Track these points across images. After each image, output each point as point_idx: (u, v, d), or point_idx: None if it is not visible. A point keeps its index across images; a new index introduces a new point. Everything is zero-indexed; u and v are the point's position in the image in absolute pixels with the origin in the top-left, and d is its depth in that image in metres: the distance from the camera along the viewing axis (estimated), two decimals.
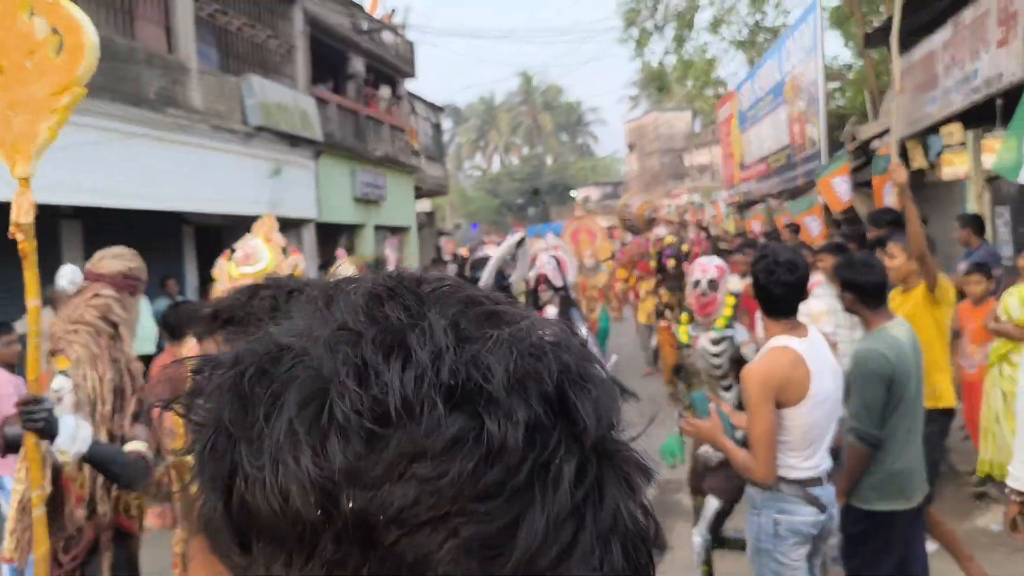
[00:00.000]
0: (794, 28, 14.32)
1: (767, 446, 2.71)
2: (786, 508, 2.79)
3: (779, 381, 2.71)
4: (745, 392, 2.82)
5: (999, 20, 6.46)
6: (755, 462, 2.74)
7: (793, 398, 2.71)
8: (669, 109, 42.52)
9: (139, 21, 9.35)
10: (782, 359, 2.74)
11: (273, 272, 2.78)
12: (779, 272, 2.75)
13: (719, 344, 3.73)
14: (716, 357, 3.74)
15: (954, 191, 8.95)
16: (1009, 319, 4.81)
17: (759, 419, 2.72)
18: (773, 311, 2.84)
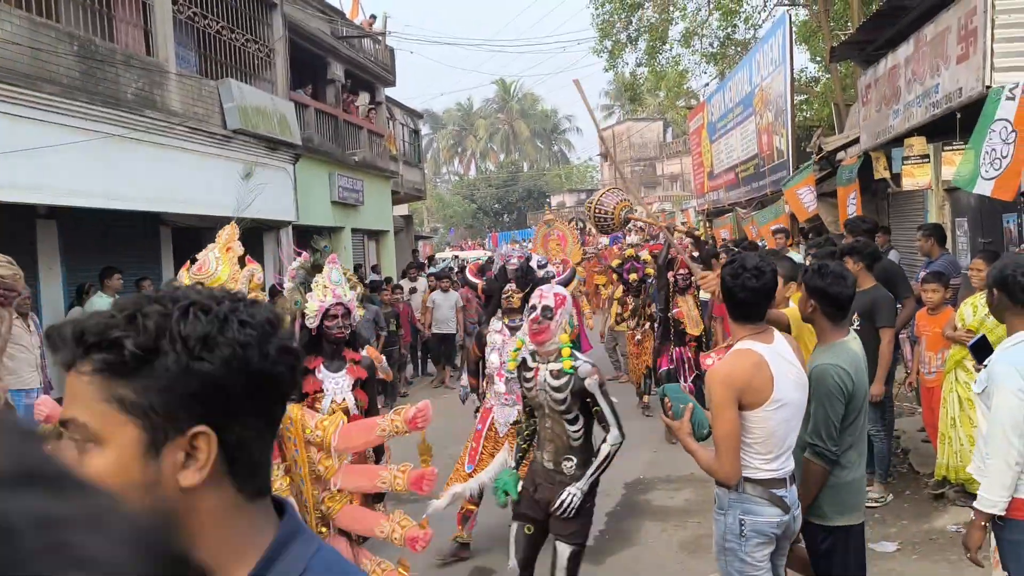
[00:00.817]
0: (763, 42, 14.64)
1: (730, 447, 2.76)
2: (751, 509, 2.84)
3: (741, 383, 2.75)
4: (709, 393, 2.85)
5: (959, 37, 6.68)
6: (719, 462, 2.80)
7: (756, 400, 2.75)
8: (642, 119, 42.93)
9: (118, 23, 9.34)
10: (744, 362, 2.79)
11: (227, 282, 2.76)
12: (744, 277, 2.80)
13: (560, 377, 3.52)
14: (558, 392, 3.52)
15: (916, 202, 9.24)
16: (964, 326, 4.99)
17: (722, 420, 2.76)
18: (738, 315, 2.88)
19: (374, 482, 3.04)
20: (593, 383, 3.47)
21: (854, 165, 9.59)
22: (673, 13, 18.88)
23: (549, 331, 3.52)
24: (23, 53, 7.51)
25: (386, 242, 19.12)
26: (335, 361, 4.00)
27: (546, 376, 3.55)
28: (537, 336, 3.53)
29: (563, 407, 3.52)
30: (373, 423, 3.16)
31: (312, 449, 2.94)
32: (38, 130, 7.56)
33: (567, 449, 3.57)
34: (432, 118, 53.58)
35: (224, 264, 2.82)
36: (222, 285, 2.66)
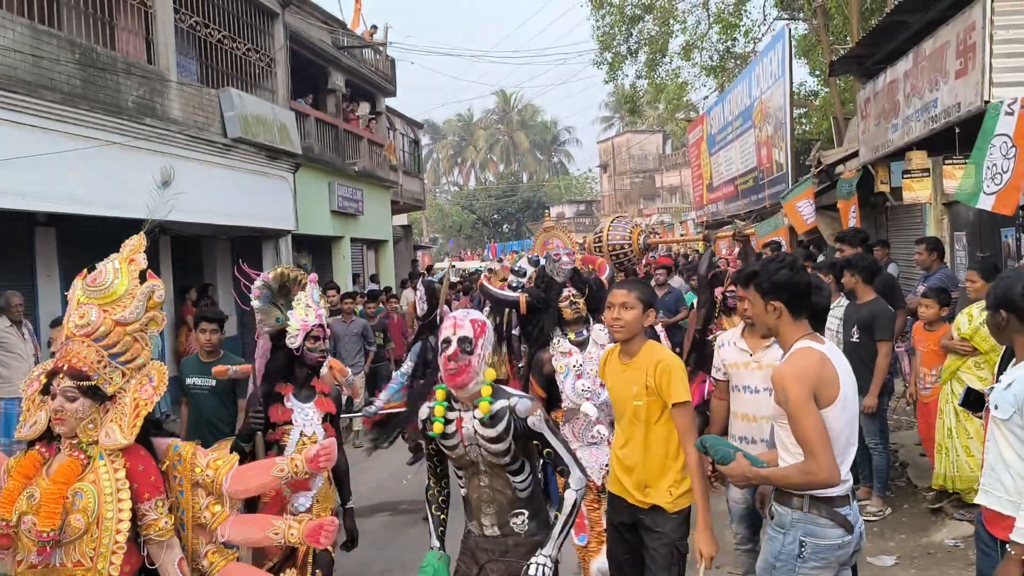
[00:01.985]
0: (763, 55, 14.71)
1: (823, 441, 2.54)
2: (814, 530, 2.63)
3: (814, 378, 2.59)
4: (783, 395, 2.62)
5: (958, 52, 6.72)
6: (815, 464, 2.54)
7: (826, 398, 2.59)
8: (641, 131, 43.10)
9: (120, 31, 9.38)
10: (810, 358, 2.64)
11: (123, 297, 2.53)
12: (800, 269, 2.77)
13: (494, 424, 2.82)
14: (496, 442, 2.82)
15: (914, 215, 9.26)
16: (959, 335, 4.99)
17: (806, 416, 2.56)
18: (797, 309, 2.74)
19: (266, 532, 2.71)
20: (538, 420, 2.85)
21: (853, 179, 9.62)
22: (673, 26, 18.98)
23: (470, 370, 2.80)
24: (25, 60, 7.53)
25: (385, 252, 19.13)
26: (304, 390, 3.74)
27: (474, 427, 2.84)
28: (455, 377, 2.79)
29: (506, 459, 2.85)
30: (271, 463, 2.82)
31: (200, 492, 2.63)
32: (39, 137, 7.57)
33: (514, 504, 2.92)
34: (432, 128, 53.75)
35: (122, 277, 2.57)
36: (117, 300, 2.50)
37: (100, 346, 2.46)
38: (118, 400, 2.48)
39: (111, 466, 2.43)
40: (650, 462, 3.20)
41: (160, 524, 2.49)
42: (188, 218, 9.95)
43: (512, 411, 2.83)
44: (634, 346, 3.25)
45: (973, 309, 4.98)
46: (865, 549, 4.39)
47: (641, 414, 3.19)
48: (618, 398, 3.33)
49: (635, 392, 3.18)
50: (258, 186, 11.63)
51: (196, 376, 5.10)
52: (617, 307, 3.23)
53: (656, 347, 3.33)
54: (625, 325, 3.20)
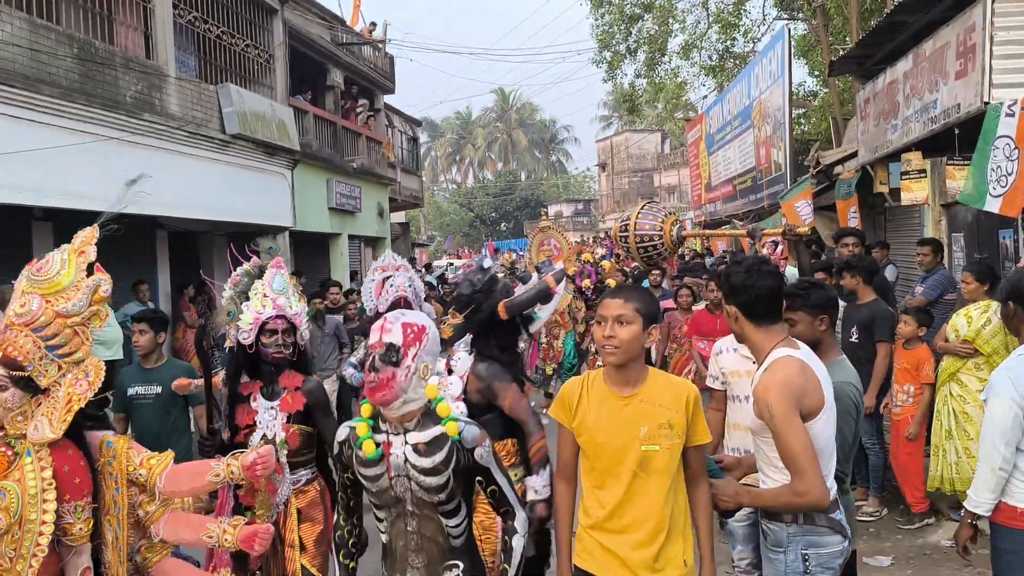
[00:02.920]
0: (762, 55, 14.71)
1: (811, 458, 2.39)
2: (815, 541, 2.52)
3: (798, 389, 2.44)
4: (766, 410, 2.45)
5: (958, 53, 6.71)
6: (803, 483, 2.39)
7: (813, 408, 2.46)
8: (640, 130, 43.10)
9: (118, 26, 9.35)
10: (791, 367, 2.47)
11: (67, 289, 2.45)
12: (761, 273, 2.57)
13: (432, 452, 2.33)
14: (431, 475, 2.33)
15: (913, 216, 9.27)
16: (957, 337, 5.00)
17: (793, 432, 2.39)
18: (764, 316, 2.58)
19: (199, 535, 2.60)
20: (486, 453, 2.39)
21: (852, 179, 9.62)
22: (672, 25, 18.99)
23: (394, 384, 2.28)
24: (23, 54, 7.50)
25: (383, 249, 19.12)
26: (272, 386, 3.36)
27: (406, 454, 2.34)
28: (374, 393, 2.29)
29: (441, 496, 2.35)
30: (206, 466, 2.63)
31: (135, 490, 2.54)
32: (36, 132, 7.54)
33: (447, 554, 2.44)
34: (431, 126, 53.74)
35: (69, 268, 2.49)
36: (61, 291, 2.42)
37: (38, 336, 2.35)
38: (51, 394, 2.37)
39: (38, 464, 2.33)
40: (663, 526, 2.49)
41: (75, 529, 2.38)
42: (186, 214, 9.94)
43: (460, 435, 2.36)
44: (633, 373, 2.53)
45: (971, 311, 4.98)
46: (861, 550, 4.39)
47: (654, 463, 2.47)
48: (609, 444, 2.51)
49: (645, 434, 2.47)
50: (256, 182, 11.61)
51: (138, 385, 4.62)
52: (610, 322, 2.50)
53: (665, 375, 2.68)
54: (620, 345, 2.47)
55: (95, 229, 2.67)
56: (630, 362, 2.51)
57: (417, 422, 2.38)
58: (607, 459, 2.52)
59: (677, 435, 2.48)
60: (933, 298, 6.13)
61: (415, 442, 2.34)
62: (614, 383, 2.55)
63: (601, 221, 47.67)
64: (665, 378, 2.61)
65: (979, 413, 4.92)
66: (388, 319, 2.41)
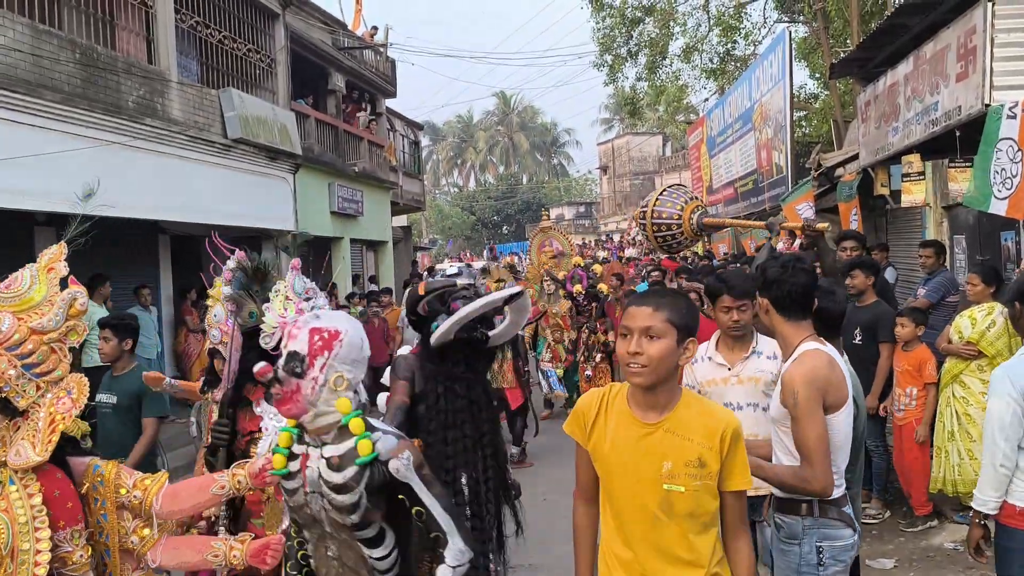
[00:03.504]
0: (763, 58, 14.72)
1: (825, 452, 2.47)
2: (829, 534, 2.56)
3: (824, 382, 2.50)
4: (792, 397, 2.50)
5: (959, 55, 6.71)
6: (811, 471, 2.45)
7: (836, 401, 2.53)
8: (641, 133, 43.10)
9: (120, 31, 9.38)
10: (819, 360, 2.54)
11: (41, 304, 2.34)
12: (797, 269, 2.67)
13: (344, 466, 2.10)
14: (342, 491, 2.09)
15: (914, 218, 9.27)
16: (961, 339, 4.99)
17: (813, 423, 2.46)
18: (797, 311, 2.65)
19: (203, 555, 2.44)
20: (405, 465, 2.12)
21: (854, 181, 9.62)
22: (673, 28, 18.99)
23: (299, 398, 2.09)
24: (25, 60, 7.53)
25: (385, 253, 19.13)
26: None
27: (319, 468, 2.13)
28: (281, 405, 2.12)
29: (353, 518, 2.11)
30: (210, 479, 2.51)
31: (126, 515, 2.39)
32: (39, 137, 7.56)
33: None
34: (432, 130, 53.81)
35: (40, 284, 2.38)
36: (34, 307, 2.31)
37: (13, 355, 2.20)
38: (31, 416, 2.22)
39: (24, 491, 2.17)
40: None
41: (75, 557, 2.22)
42: (188, 218, 9.96)
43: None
44: (663, 396, 2.14)
45: (976, 312, 4.98)
46: (864, 552, 4.38)
47: (679, 505, 2.09)
48: (627, 477, 2.14)
49: (668, 471, 2.09)
50: (258, 187, 11.63)
51: (102, 393, 4.40)
52: (636, 335, 2.10)
53: (702, 401, 2.26)
54: (649, 364, 2.08)
55: (63, 246, 2.54)
56: (660, 384, 2.12)
57: (335, 434, 2.15)
58: (624, 494, 2.16)
59: (708, 475, 2.08)
60: (935, 300, 6.12)
61: (329, 455, 2.13)
62: (638, 406, 2.16)
63: (603, 224, 47.68)
64: (701, 405, 2.20)
65: (982, 415, 4.91)
66: (296, 323, 2.19)
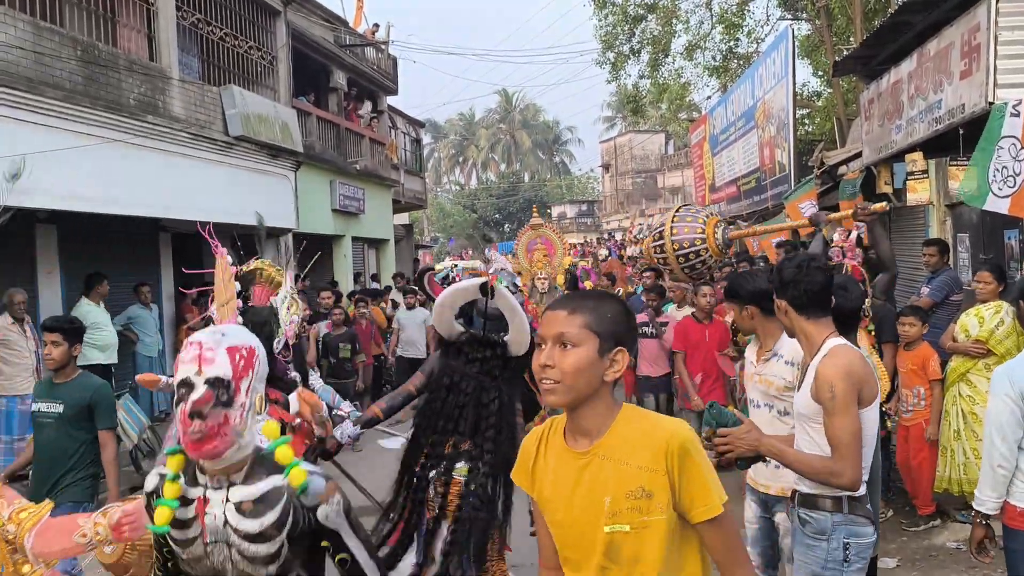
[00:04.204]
0: (766, 55, 14.68)
1: (857, 447, 2.48)
2: (856, 531, 2.57)
3: (859, 377, 2.53)
4: (829, 391, 2.51)
5: (962, 53, 6.69)
6: (842, 464, 2.45)
7: (868, 397, 2.55)
8: (643, 131, 43.04)
9: (121, 28, 9.36)
10: (853, 355, 2.58)
11: None
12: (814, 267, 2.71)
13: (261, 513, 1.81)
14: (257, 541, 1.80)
15: (917, 217, 9.24)
16: (968, 337, 4.97)
17: (848, 417, 2.47)
18: (818, 309, 2.67)
19: (72, 537, 2.18)
20: (334, 512, 1.84)
21: (856, 179, 9.59)
22: (676, 26, 18.95)
23: (228, 430, 1.76)
24: (26, 57, 7.52)
25: (386, 251, 19.12)
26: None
27: (226, 515, 1.81)
28: (202, 446, 1.73)
29: (271, 569, 1.82)
30: (74, 525, 2.22)
31: (4, 547, 2.21)
32: (40, 134, 7.55)
33: None
34: (434, 127, 53.77)
35: None
36: None
37: None
38: None
39: None
40: None
41: None
42: (189, 216, 9.94)
43: (294, 495, 1.80)
44: (590, 417, 1.73)
45: (983, 311, 4.96)
46: None
47: (624, 551, 1.69)
48: (567, 523, 1.76)
49: (609, 507, 1.68)
50: (259, 184, 11.62)
51: (42, 401, 4.02)
52: (549, 344, 1.72)
53: (645, 415, 1.79)
54: (562, 379, 1.68)
55: None
56: (583, 402, 1.71)
57: (245, 473, 1.83)
58: (572, 546, 1.76)
59: (658, 508, 1.66)
60: (939, 299, 6.10)
61: (239, 499, 1.80)
62: (571, 433, 1.77)
63: (605, 222, 47.62)
64: (644, 421, 1.75)
65: None
66: (204, 342, 1.80)
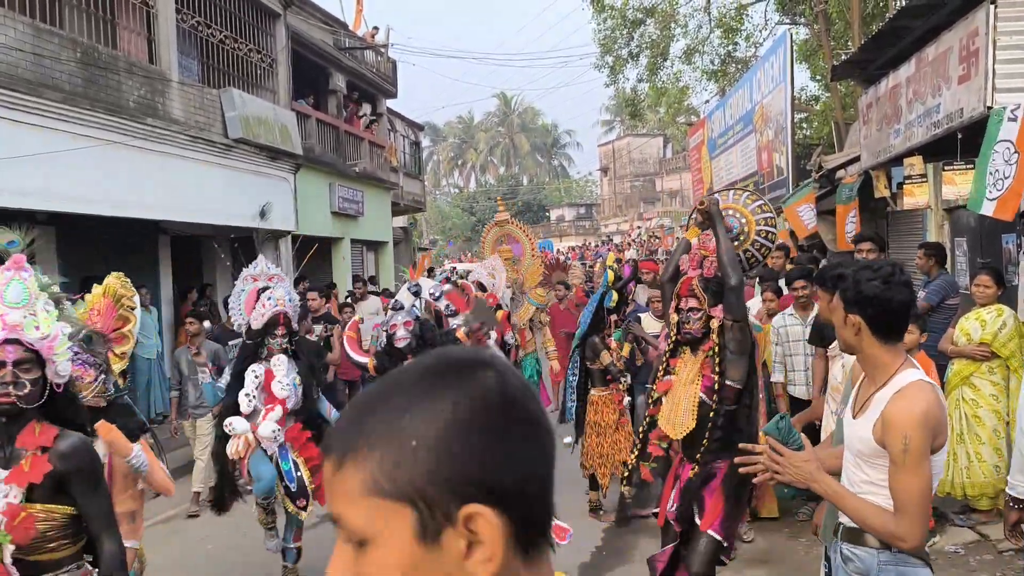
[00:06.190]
0: (764, 59, 14.72)
1: (926, 507, 2.19)
2: (906, 571, 2.29)
3: (936, 424, 2.19)
4: (902, 442, 2.16)
5: (961, 57, 6.71)
6: (907, 525, 2.16)
7: (939, 444, 2.23)
8: (642, 135, 43.11)
9: (121, 30, 9.37)
10: (933, 396, 2.22)
11: None
12: (901, 284, 2.28)
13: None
14: None
15: (915, 220, 9.25)
16: (969, 341, 4.98)
17: (922, 474, 2.15)
18: (893, 335, 2.29)
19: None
20: None
21: (854, 183, 9.61)
22: (674, 30, 18.98)
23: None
24: (26, 59, 7.52)
25: (385, 253, 19.12)
26: (6, 448, 2.31)
27: None
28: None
29: None
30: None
31: None
32: (40, 136, 7.55)
33: None
34: (433, 130, 53.82)
35: None
36: None
37: None
38: None
39: None
40: None
41: None
42: (188, 218, 9.95)
43: None
44: None
45: (983, 314, 4.98)
46: None
47: None
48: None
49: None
50: (259, 187, 11.62)
51: None
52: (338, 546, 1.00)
53: None
54: None
55: None
56: None
57: None
58: None
59: None
60: (935, 303, 6.11)
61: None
62: None
63: (603, 225, 47.64)
64: None
65: (991, 417, 4.92)
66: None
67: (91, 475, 2.35)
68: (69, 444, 2.31)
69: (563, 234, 45.79)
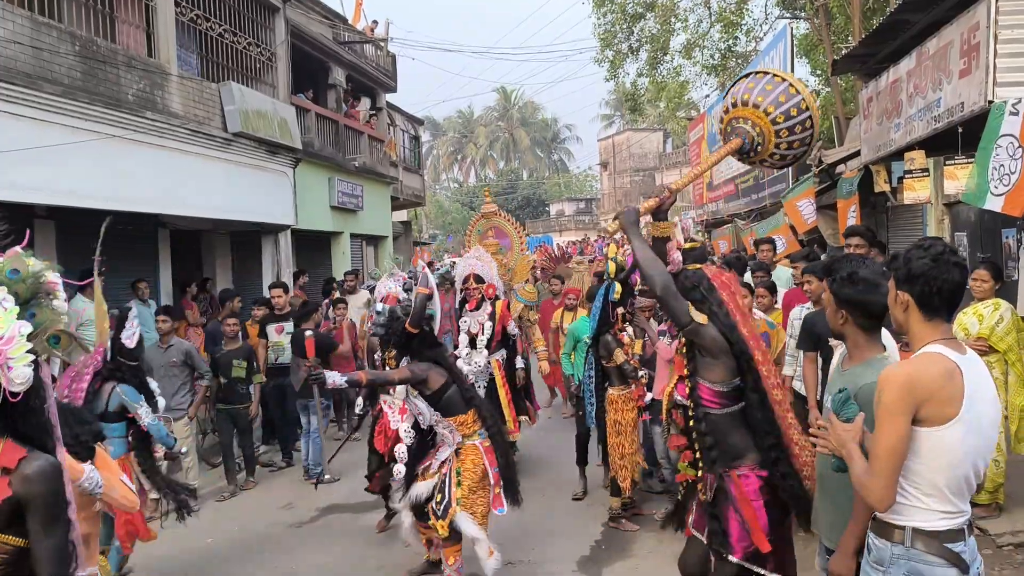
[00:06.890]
0: (764, 54, 14.69)
1: (892, 465, 2.23)
2: (920, 569, 2.25)
3: (925, 391, 2.21)
4: (877, 395, 2.27)
5: (962, 51, 6.70)
6: (873, 479, 2.25)
7: (938, 416, 2.22)
8: (642, 129, 43.04)
9: (120, 24, 9.34)
10: (935, 366, 2.23)
11: None
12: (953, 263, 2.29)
13: None
14: None
15: (915, 215, 9.25)
16: (967, 336, 4.98)
17: (890, 429, 2.22)
18: (936, 311, 2.31)
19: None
20: None
21: (854, 178, 9.60)
22: (674, 24, 18.95)
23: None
24: (24, 52, 7.50)
25: (384, 248, 19.10)
26: None
27: None
28: None
29: None
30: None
31: None
32: (38, 130, 7.54)
33: None
34: (433, 125, 53.77)
35: None
36: None
37: None
38: None
39: None
40: None
41: None
42: (188, 212, 9.93)
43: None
44: None
45: (981, 309, 4.98)
46: None
47: None
48: None
49: None
50: (258, 181, 11.60)
51: None
52: None
53: None
54: None
55: None
56: None
57: None
58: None
59: None
60: None
61: None
62: None
63: (603, 220, 47.60)
64: None
65: None
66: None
67: (53, 507, 1.96)
68: (36, 468, 1.94)
69: (563, 228, 45.82)
